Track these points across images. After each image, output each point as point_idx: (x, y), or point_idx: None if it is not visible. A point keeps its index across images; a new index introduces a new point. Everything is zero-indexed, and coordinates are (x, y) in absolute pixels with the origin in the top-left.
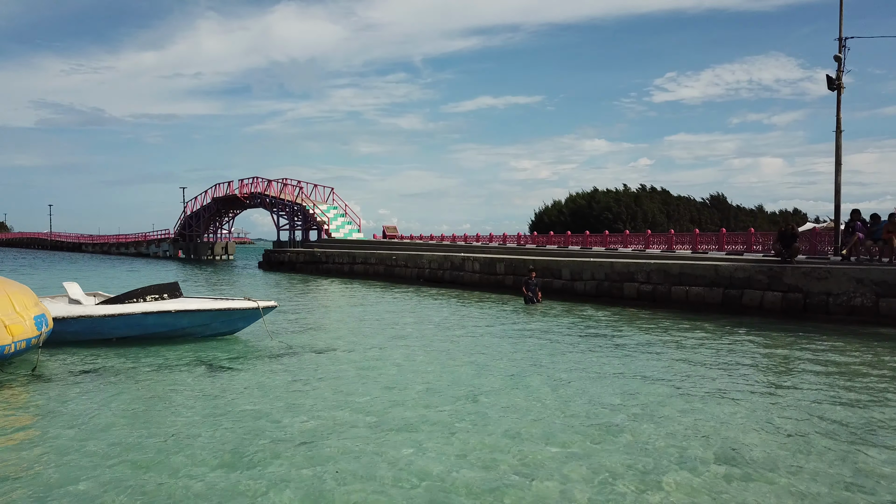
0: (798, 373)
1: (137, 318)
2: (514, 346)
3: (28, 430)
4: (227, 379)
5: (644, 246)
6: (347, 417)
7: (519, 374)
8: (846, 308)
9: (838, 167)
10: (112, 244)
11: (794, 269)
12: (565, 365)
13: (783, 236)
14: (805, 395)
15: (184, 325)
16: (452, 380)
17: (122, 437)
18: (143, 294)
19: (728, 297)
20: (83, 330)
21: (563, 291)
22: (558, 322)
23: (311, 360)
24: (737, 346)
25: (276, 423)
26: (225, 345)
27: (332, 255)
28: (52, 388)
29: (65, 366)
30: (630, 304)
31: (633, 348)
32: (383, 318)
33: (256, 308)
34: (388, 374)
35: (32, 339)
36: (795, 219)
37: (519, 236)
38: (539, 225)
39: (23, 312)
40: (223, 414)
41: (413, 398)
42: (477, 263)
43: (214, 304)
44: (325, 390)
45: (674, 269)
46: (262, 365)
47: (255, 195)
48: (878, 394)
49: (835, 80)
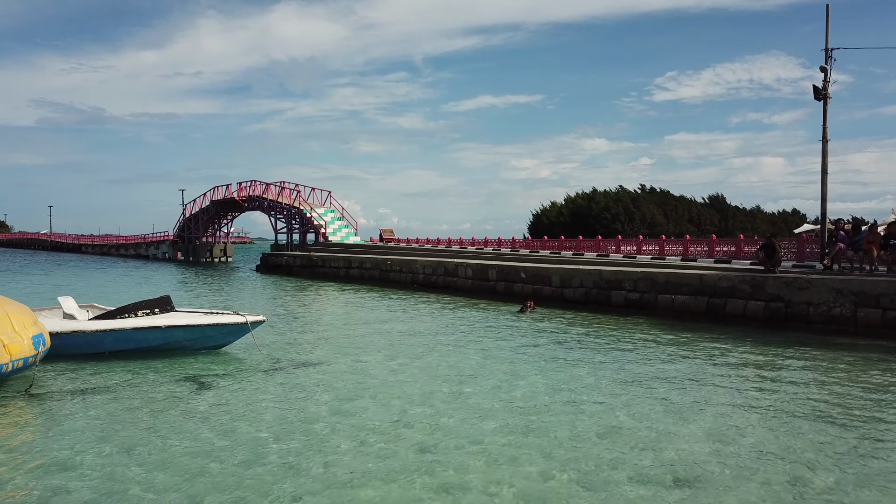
0: (767, 390)
1: (129, 333)
2: (502, 364)
3: (22, 450)
4: (213, 397)
5: (637, 251)
6: (329, 439)
7: (504, 398)
8: (826, 318)
9: (824, 176)
10: (112, 245)
11: (776, 279)
12: (545, 386)
13: (766, 247)
14: (769, 411)
15: (173, 339)
16: (432, 400)
17: (112, 459)
18: (134, 309)
19: (712, 305)
20: (77, 344)
21: (553, 298)
22: (546, 336)
23: (295, 377)
24: (710, 359)
25: (257, 444)
26: (213, 360)
27: (328, 260)
28: (47, 407)
29: (59, 383)
30: (618, 312)
31: (610, 361)
32: (373, 328)
33: (245, 322)
34: (370, 395)
35: (30, 359)
36: (794, 219)
37: (514, 241)
38: (538, 226)
39: (21, 332)
40: (209, 434)
41: (392, 423)
42: (470, 270)
43: (203, 320)
44: (307, 409)
45: (660, 277)
46: (248, 381)
47: (253, 198)
48: (843, 411)
49: (821, 90)
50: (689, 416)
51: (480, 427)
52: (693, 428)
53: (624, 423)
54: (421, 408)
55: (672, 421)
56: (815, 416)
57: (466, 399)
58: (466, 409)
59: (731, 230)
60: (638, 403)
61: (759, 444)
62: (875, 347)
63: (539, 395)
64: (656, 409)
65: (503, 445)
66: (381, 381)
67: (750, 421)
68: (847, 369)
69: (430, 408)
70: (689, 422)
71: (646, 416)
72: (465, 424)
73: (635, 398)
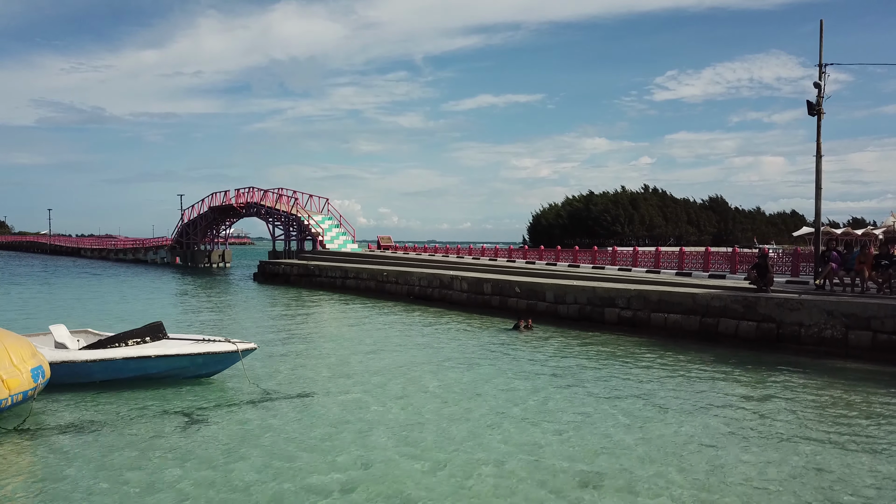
0: (756, 419)
1: (119, 363)
2: (494, 392)
3: (15, 487)
4: (201, 431)
5: (633, 262)
6: (314, 477)
7: (495, 431)
8: (817, 339)
9: (818, 192)
10: (111, 249)
11: (767, 300)
12: (543, 416)
13: (758, 266)
14: (765, 442)
15: (163, 368)
16: (423, 436)
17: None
18: (125, 338)
19: (705, 325)
20: (67, 374)
21: (547, 314)
22: (540, 364)
23: (285, 408)
24: (701, 382)
25: (242, 485)
26: (203, 389)
27: (324, 269)
28: (39, 443)
29: (52, 416)
30: (612, 330)
31: (606, 394)
32: (367, 351)
33: (235, 351)
34: (359, 430)
35: (29, 392)
36: (794, 221)
37: (510, 250)
38: (537, 227)
39: (20, 365)
40: (195, 474)
41: (381, 460)
42: (465, 283)
43: (194, 348)
44: (296, 443)
45: (653, 296)
46: (236, 415)
47: (251, 205)
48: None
49: (815, 106)
50: (686, 457)
51: (480, 471)
52: (689, 465)
53: (626, 466)
54: (407, 449)
55: (674, 462)
56: (809, 454)
57: (461, 443)
58: (462, 454)
59: (730, 232)
60: (640, 445)
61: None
62: (865, 372)
63: (532, 434)
64: (659, 448)
65: (500, 488)
66: (370, 417)
67: (740, 458)
68: (838, 397)
69: (419, 451)
70: (685, 463)
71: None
72: (462, 471)
73: (641, 442)
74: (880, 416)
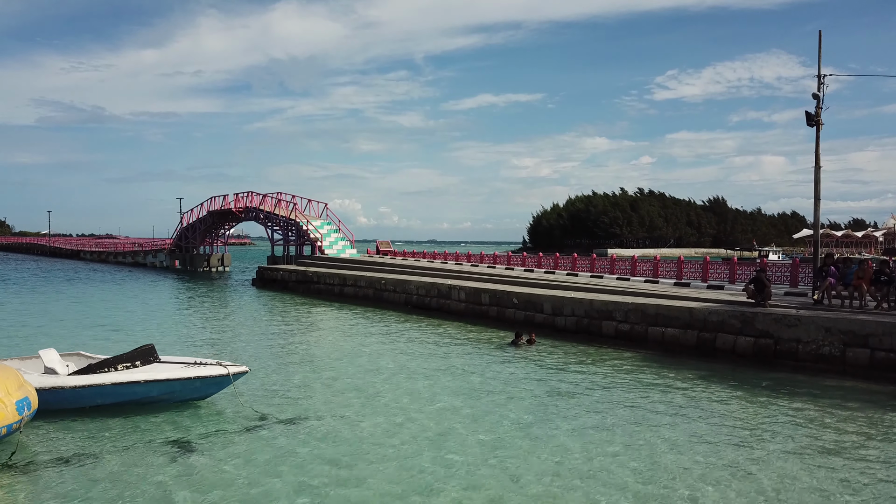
0: (745, 439)
1: (109, 389)
2: (490, 415)
3: None
4: (192, 459)
5: (631, 271)
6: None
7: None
8: (814, 356)
9: (817, 202)
10: (110, 252)
11: (765, 315)
12: (541, 443)
13: (756, 281)
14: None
15: (154, 393)
16: (420, 463)
17: None
18: (115, 363)
19: (702, 339)
20: (55, 401)
21: (545, 326)
22: (542, 384)
23: (276, 433)
24: (696, 402)
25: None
26: (194, 414)
27: (323, 276)
28: (30, 479)
29: (40, 447)
30: (609, 343)
31: (601, 404)
32: (363, 366)
33: (227, 374)
34: (352, 455)
35: (14, 425)
36: (794, 222)
37: (509, 256)
38: (537, 229)
39: (5, 399)
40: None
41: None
42: (463, 293)
43: (184, 373)
44: (288, 471)
45: (650, 309)
46: (227, 440)
47: (249, 209)
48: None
49: (813, 117)
50: (688, 482)
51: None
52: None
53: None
54: (404, 475)
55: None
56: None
57: (459, 468)
58: (458, 479)
59: (730, 233)
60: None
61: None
62: (862, 391)
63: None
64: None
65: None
66: (364, 441)
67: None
68: (836, 419)
69: (414, 475)
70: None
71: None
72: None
73: (650, 468)
74: (877, 438)
